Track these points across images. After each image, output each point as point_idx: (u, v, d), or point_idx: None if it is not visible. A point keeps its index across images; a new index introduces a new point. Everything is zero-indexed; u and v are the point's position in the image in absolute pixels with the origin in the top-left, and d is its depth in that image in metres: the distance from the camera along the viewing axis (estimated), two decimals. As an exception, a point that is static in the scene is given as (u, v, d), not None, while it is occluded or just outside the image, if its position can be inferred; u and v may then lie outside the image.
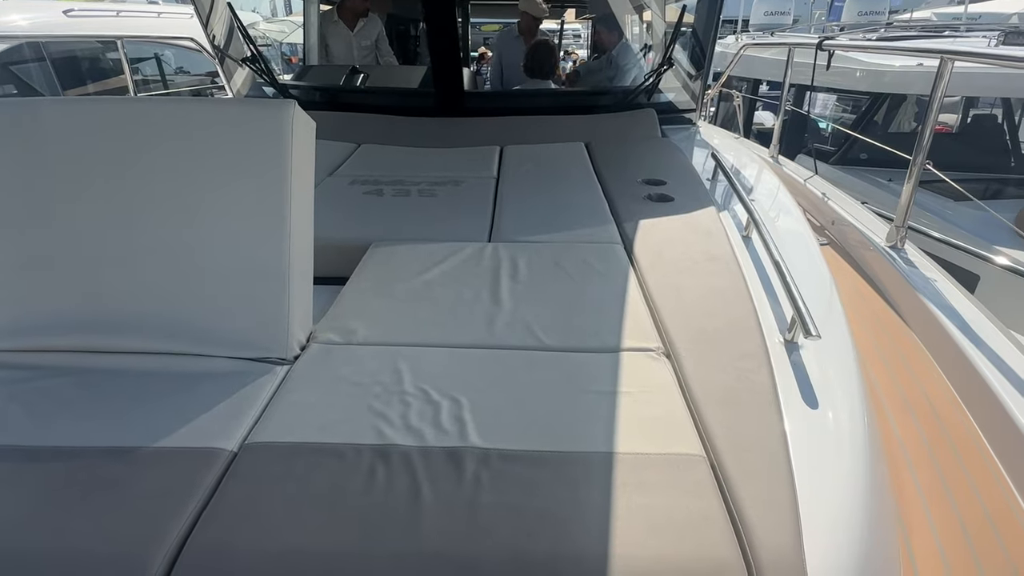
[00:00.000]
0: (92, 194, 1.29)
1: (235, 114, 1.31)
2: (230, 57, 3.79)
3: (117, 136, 1.29)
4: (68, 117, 1.31)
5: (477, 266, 1.71)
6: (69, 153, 1.29)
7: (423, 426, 1.08)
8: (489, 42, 13.30)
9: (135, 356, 1.27)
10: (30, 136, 1.30)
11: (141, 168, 1.28)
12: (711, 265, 1.76)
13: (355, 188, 2.38)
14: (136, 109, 1.33)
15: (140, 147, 1.29)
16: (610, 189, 2.37)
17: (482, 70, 11.19)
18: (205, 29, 3.70)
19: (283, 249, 1.28)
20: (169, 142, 1.29)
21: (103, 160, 1.29)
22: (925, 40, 5.90)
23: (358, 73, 4.00)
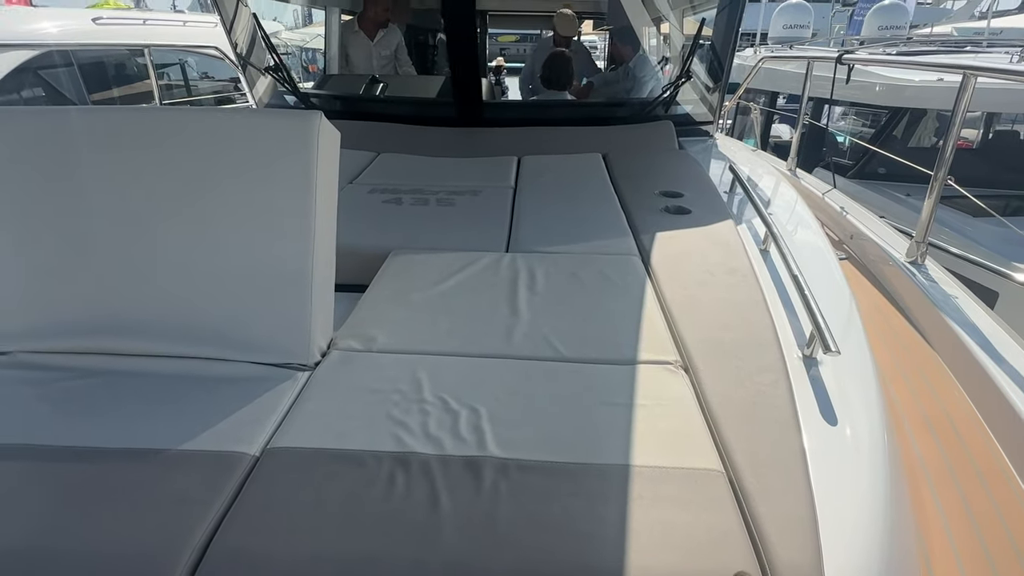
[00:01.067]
0: (119, 200, 1.32)
1: (262, 124, 1.34)
2: (252, 66, 3.85)
3: (145, 144, 1.32)
4: (97, 126, 1.35)
5: (495, 276, 1.73)
6: (98, 160, 1.32)
7: (442, 434, 1.09)
8: (506, 52, 13.41)
9: (159, 359, 1.29)
10: (60, 144, 1.33)
11: (168, 175, 1.31)
12: (729, 278, 1.76)
13: (375, 196, 2.40)
14: (164, 118, 1.36)
15: (167, 155, 1.31)
16: (627, 201, 2.38)
17: (499, 80, 11.29)
18: (229, 38, 3.77)
19: (307, 257, 1.30)
20: (196, 151, 1.31)
21: (131, 167, 1.32)
22: (946, 55, 5.87)
23: (378, 83, 4.05)
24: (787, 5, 9.10)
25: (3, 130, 1.35)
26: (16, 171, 1.33)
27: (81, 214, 1.32)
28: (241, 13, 3.71)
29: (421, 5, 5.09)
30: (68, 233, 1.33)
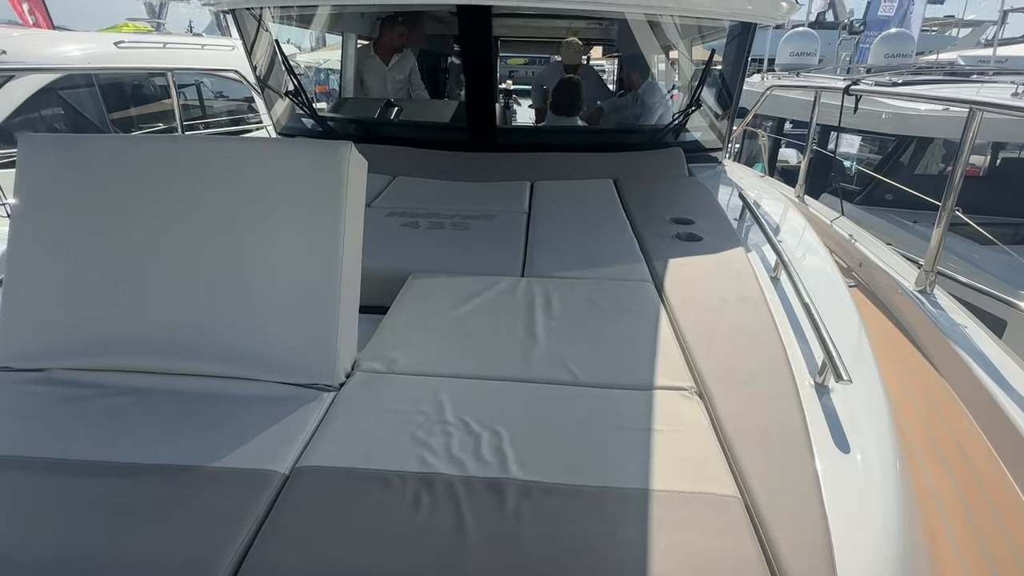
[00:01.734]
0: (155, 226, 1.37)
1: (296, 154, 1.40)
2: (271, 89, 3.94)
3: (184, 172, 1.38)
4: (137, 153, 1.41)
5: (512, 300, 1.77)
6: (141, 187, 1.38)
7: (465, 456, 1.13)
8: (514, 75, 13.62)
9: (192, 378, 1.34)
10: (104, 171, 1.40)
11: (203, 202, 1.37)
12: (741, 305, 1.79)
13: (392, 219, 2.46)
14: (201, 147, 1.42)
15: (202, 182, 1.37)
16: (639, 227, 2.43)
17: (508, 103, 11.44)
18: (250, 61, 3.87)
19: (334, 282, 1.35)
20: (231, 178, 1.37)
21: (167, 193, 1.38)
22: (952, 85, 5.94)
23: (392, 107, 4.13)
24: (794, 33, 9.24)
25: (52, 156, 1.42)
26: (61, 195, 1.40)
27: (121, 238, 1.38)
28: (261, 37, 3.81)
29: (435, 31, 5.21)
30: (107, 256, 1.38)
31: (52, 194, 1.40)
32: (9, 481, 1.07)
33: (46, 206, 1.40)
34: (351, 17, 4.37)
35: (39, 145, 1.44)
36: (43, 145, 1.44)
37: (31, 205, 1.41)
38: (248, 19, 3.62)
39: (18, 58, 5.17)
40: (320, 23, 4.58)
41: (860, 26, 13.20)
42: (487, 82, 3.29)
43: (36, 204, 1.41)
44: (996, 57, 10.61)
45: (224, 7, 3.40)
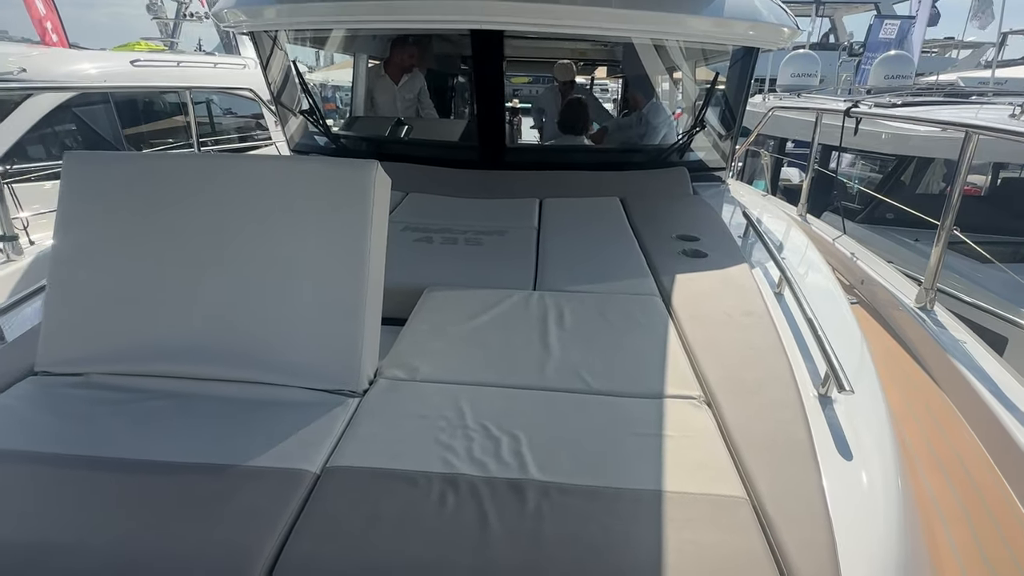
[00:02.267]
0: (192, 238, 1.45)
1: (325, 172, 1.48)
2: (286, 107, 4.05)
3: (220, 187, 1.46)
4: (175, 169, 1.49)
5: (525, 312, 1.84)
6: (178, 201, 1.46)
7: (486, 458, 1.19)
8: (518, 94, 13.83)
9: (225, 383, 1.40)
10: (142, 186, 1.48)
11: (237, 216, 1.45)
12: (746, 320, 1.86)
13: (407, 234, 2.54)
14: (235, 164, 1.50)
15: (236, 197, 1.45)
16: (646, 244, 2.50)
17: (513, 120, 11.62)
18: (266, 79, 3.98)
19: (361, 293, 1.42)
20: (266, 194, 1.45)
21: (202, 209, 1.46)
22: (951, 107, 6.04)
23: (403, 125, 4.24)
24: (795, 54, 9.39)
25: (94, 171, 1.50)
26: (102, 208, 1.48)
27: (159, 250, 1.45)
28: (277, 56, 3.92)
29: (444, 51, 5.34)
30: (145, 266, 1.46)
31: (94, 207, 1.48)
32: (58, 477, 1.13)
33: (88, 219, 1.48)
34: (364, 38, 4.49)
35: (83, 161, 1.52)
36: (86, 162, 1.52)
37: (74, 217, 1.49)
38: (265, 39, 3.74)
39: (38, 76, 5.31)
40: (334, 44, 4.71)
41: (860, 48, 13.39)
42: (498, 102, 3.39)
43: (78, 216, 1.49)
44: (995, 79, 10.74)
45: (243, 29, 3.51)
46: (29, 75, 5.21)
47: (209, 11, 9.81)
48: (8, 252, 2.70)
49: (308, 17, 3.10)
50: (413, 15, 2.79)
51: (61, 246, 1.49)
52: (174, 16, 10.95)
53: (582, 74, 8.52)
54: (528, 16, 2.68)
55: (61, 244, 1.49)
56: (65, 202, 1.49)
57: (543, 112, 6.04)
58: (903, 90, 8.38)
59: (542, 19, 2.70)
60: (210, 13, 3.59)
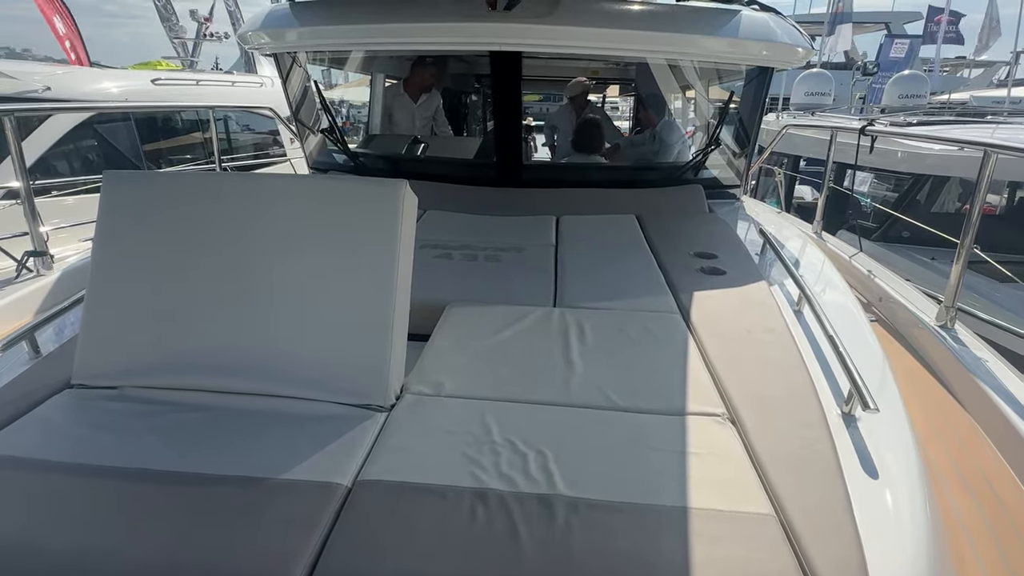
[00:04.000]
0: (224, 256, 1.48)
1: (355, 190, 1.51)
2: (305, 125, 4.12)
3: (253, 206, 1.49)
4: (209, 188, 1.53)
5: (547, 329, 1.85)
6: (206, 220, 1.49)
7: (514, 474, 1.19)
8: (530, 111, 13.97)
9: (256, 397, 1.42)
10: (175, 204, 1.51)
11: (268, 234, 1.48)
12: (766, 337, 1.86)
13: (426, 251, 2.56)
14: (266, 183, 1.53)
15: (271, 215, 1.48)
16: (664, 261, 2.51)
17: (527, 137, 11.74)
18: (287, 97, 4.05)
19: (388, 309, 1.44)
20: (297, 212, 1.48)
21: (235, 227, 1.49)
22: (965, 126, 6.05)
23: (420, 143, 4.29)
24: (809, 73, 9.44)
25: (131, 190, 1.54)
26: (138, 226, 1.52)
27: (192, 267, 1.48)
28: (298, 76, 4.00)
29: (460, 70, 5.42)
30: (179, 283, 1.49)
31: (130, 224, 1.52)
32: (95, 487, 1.15)
33: (124, 235, 1.52)
34: (383, 58, 4.57)
35: (120, 180, 1.56)
36: (124, 180, 1.56)
37: (111, 234, 1.53)
38: (286, 59, 3.81)
39: (62, 94, 5.43)
40: (353, 64, 4.80)
41: (873, 68, 13.43)
42: (516, 121, 3.43)
43: (116, 233, 1.53)
44: (1010, 98, 10.72)
45: (267, 51, 3.59)
46: (53, 93, 5.34)
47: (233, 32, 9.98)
48: (38, 267, 2.75)
49: (330, 40, 3.17)
50: (433, 37, 2.85)
51: (99, 262, 1.52)
52: (194, 36, 11.18)
53: (594, 92, 8.62)
54: (546, 38, 2.73)
55: (99, 260, 1.52)
56: (104, 219, 1.53)
57: (556, 130, 6.11)
58: (917, 109, 8.39)
59: (560, 41, 2.75)
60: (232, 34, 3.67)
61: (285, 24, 3.17)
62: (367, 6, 3.08)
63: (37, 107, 5.10)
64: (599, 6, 2.80)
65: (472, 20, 2.70)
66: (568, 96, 5.69)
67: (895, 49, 15.24)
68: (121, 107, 5.89)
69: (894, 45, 15.34)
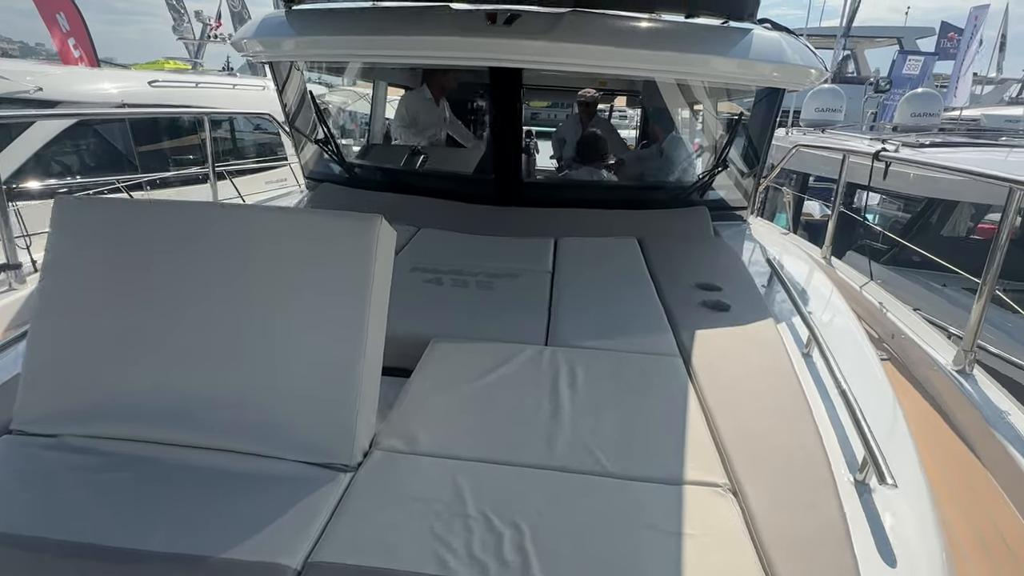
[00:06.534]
0: (178, 293, 1.35)
1: (324, 225, 1.37)
2: (301, 132, 4.00)
3: (207, 239, 1.36)
4: (165, 218, 1.40)
5: (536, 372, 1.71)
6: (163, 253, 1.36)
7: (486, 558, 1.06)
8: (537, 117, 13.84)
9: (207, 452, 1.29)
10: (125, 235, 1.38)
11: (227, 270, 1.35)
12: (772, 384, 1.72)
13: (416, 275, 2.43)
14: (229, 214, 1.40)
15: (227, 250, 1.35)
16: (665, 292, 2.38)
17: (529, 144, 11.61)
18: (282, 106, 3.94)
19: (357, 357, 1.30)
20: (257, 247, 1.35)
21: (192, 260, 1.36)
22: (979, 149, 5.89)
23: (419, 154, 4.18)
24: (819, 89, 9.29)
25: (83, 219, 1.41)
26: (88, 259, 1.38)
27: (140, 303, 1.35)
28: (294, 85, 3.89)
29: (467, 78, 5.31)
30: (128, 321, 1.36)
31: (82, 255, 1.39)
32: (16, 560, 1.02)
33: (75, 267, 1.39)
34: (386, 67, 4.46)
35: (73, 206, 1.43)
36: (76, 207, 1.43)
37: (61, 265, 1.40)
38: (282, 67, 3.70)
39: (55, 95, 5.33)
40: (355, 72, 4.69)
41: (886, 84, 13.26)
42: (515, 139, 3.31)
43: (66, 264, 1.40)
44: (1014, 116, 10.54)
45: (262, 59, 3.47)
46: (45, 94, 5.24)
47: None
48: (11, 280, 2.62)
49: (325, 50, 3.05)
50: (430, 51, 2.73)
51: (46, 295, 1.39)
52: (199, 37, 11.13)
53: (603, 102, 8.49)
54: (547, 56, 2.60)
55: (46, 293, 1.40)
56: (53, 248, 1.41)
57: (564, 142, 6.00)
58: (930, 128, 8.23)
59: (562, 59, 2.62)
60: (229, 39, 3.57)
61: (280, 32, 3.05)
62: (364, 17, 2.96)
63: (14, 114, 4.96)
64: (604, 23, 2.67)
65: (471, 35, 2.58)
66: (578, 106, 5.61)
67: (908, 66, 15.09)
68: (103, 113, 5.77)
69: (907, 61, 15.19)
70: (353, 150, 5.09)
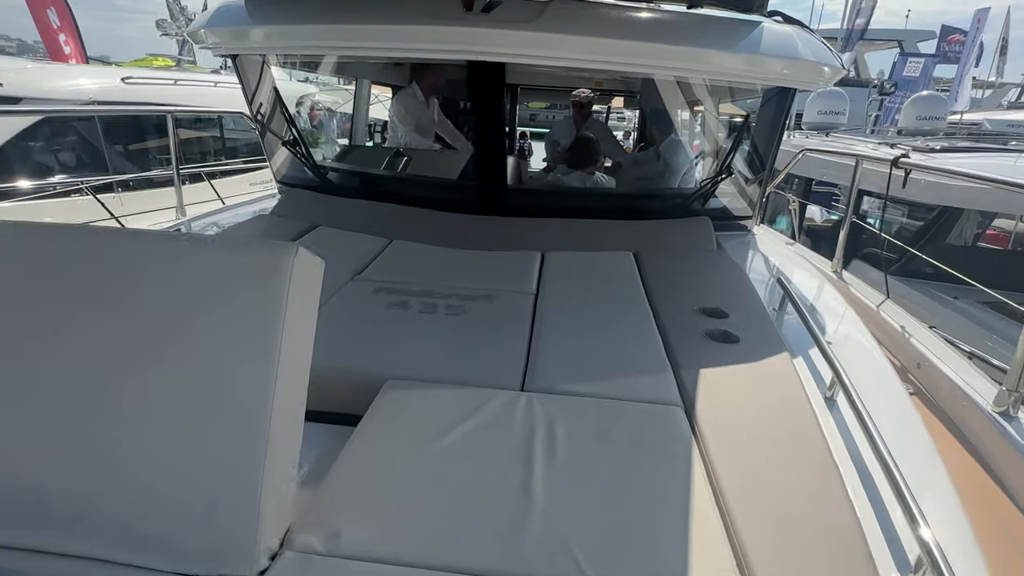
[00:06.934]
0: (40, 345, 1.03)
1: (225, 259, 1.05)
2: (275, 134, 3.70)
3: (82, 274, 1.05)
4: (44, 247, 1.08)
5: (507, 429, 1.41)
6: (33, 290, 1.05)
7: None
8: (536, 118, 13.50)
9: (63, 560, 0.97)
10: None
11: (100, 314, 1.03)
12: (796, 445, 1.42)
13: (379, 298, 2.13)
14: (113, 243, 1.08)
15: (104, 289, 1.04)
16: (664, 320, 2.08)
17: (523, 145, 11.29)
18: (250, 107, 3.63)
19: (261, 439, 0.99)
20: (143, 286, 1.04)
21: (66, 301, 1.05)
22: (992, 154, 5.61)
23: (399, 158, 3.87)
24: (823, 91, 8.99)
25: None
26: None
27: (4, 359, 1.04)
28: (258, 74, 3.58)
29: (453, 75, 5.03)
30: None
31: None
32: None
33: None
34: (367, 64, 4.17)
35: None
36: None
37: None
38: (249, 64, 3.40)
39: (18, 92, 5.03)
40: (333, 68, 4.39)
41: (891, 87, 12.97)
42: (498, 141, 3.00)
43: None
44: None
45: (220, 51, 3.15)
46: (6, 90, 4.94)
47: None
48: None
49: (285, 41, 2.74)
50: (400, 43, 2.42)
51: None
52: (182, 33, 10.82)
53: (599, 103, 8.17)
54: (531, 48, 2.30)
55: None
56: None
57: (557, 144, 5.72)
58: (935, 132, 7.95)
59: (547, 52, 2.32)
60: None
61: (236, 22, 2.74)
62: (327, 4, 2.66)
63: None
64: (595, 12, 2.36)
65: (445, 23, 2.27)
66: (572, 106, 5.36)
67: (909, 68, 14.82)
68: (63, 111, 5.47)
69: (908, 64, 14.92)
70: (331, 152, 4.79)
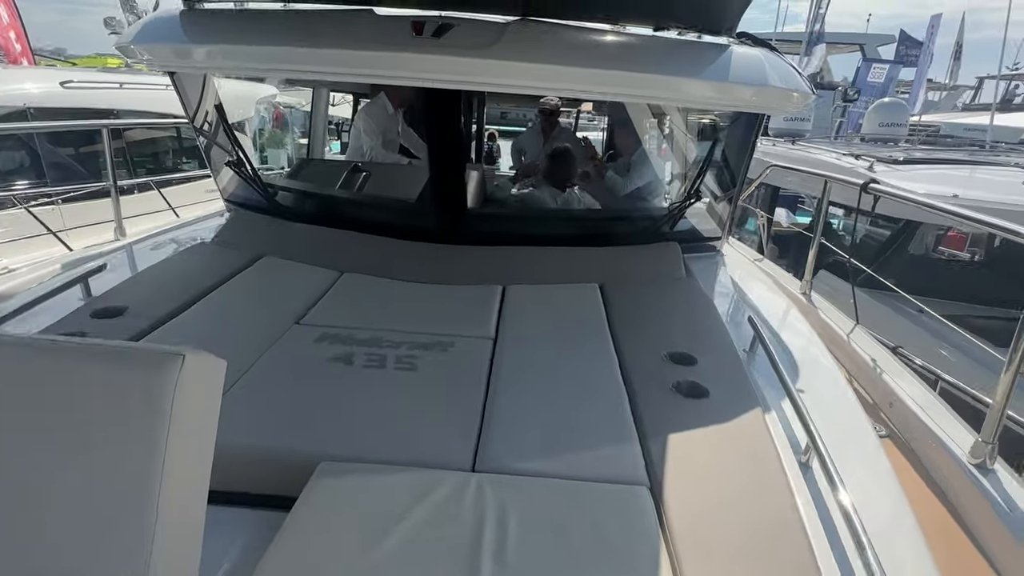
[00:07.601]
0: None
1: (96, 372, 0.87)
2: (219, 146, 3.47)
3: None
4: None
5: (454, 522, 1.26)
6: None
7: None
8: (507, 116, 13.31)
9: None
10: None
11: None
12: (770, 530, 1.30)
13: (321, 349, 1.95)
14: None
15: None
16: (629, 369, 1.95)
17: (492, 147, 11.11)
18: (192, 121, 3.40)
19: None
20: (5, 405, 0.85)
21: None
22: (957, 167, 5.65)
23: (355, 177, 3.68)
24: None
25: None
26: None
27: None
28: (207, 93, 3.36)
29: None
30: None
31: None
32: None
33: None
34: None
35: None
36: None
37: None
38: (189, 79, 3.17)
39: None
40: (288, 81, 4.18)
41: (855, 94, 13.15)
42: (456, 167, 2.84)
43: None
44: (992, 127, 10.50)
45: (154, 67, 2.91)
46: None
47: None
48: None
49: (222, 61, 2.53)
50: (343, 68, 2.22)
51: None
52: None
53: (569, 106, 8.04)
54: (487, 76, 2.14)
55: None
56: None
57: (523, 153, 5.59)
58: (897, 138, 8.03)
59: (504, 80, 2.16)
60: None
61: (169, 38, 2.52)
62: (269, 21, 2.46)
63: None
64: (556, 35, 2.22)
65: (393, 48, 2.09)
66: (539, 109, 5.28)
67: (873, 73, 15.08)
68: None
69: (872, 69, 15.17)
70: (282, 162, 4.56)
